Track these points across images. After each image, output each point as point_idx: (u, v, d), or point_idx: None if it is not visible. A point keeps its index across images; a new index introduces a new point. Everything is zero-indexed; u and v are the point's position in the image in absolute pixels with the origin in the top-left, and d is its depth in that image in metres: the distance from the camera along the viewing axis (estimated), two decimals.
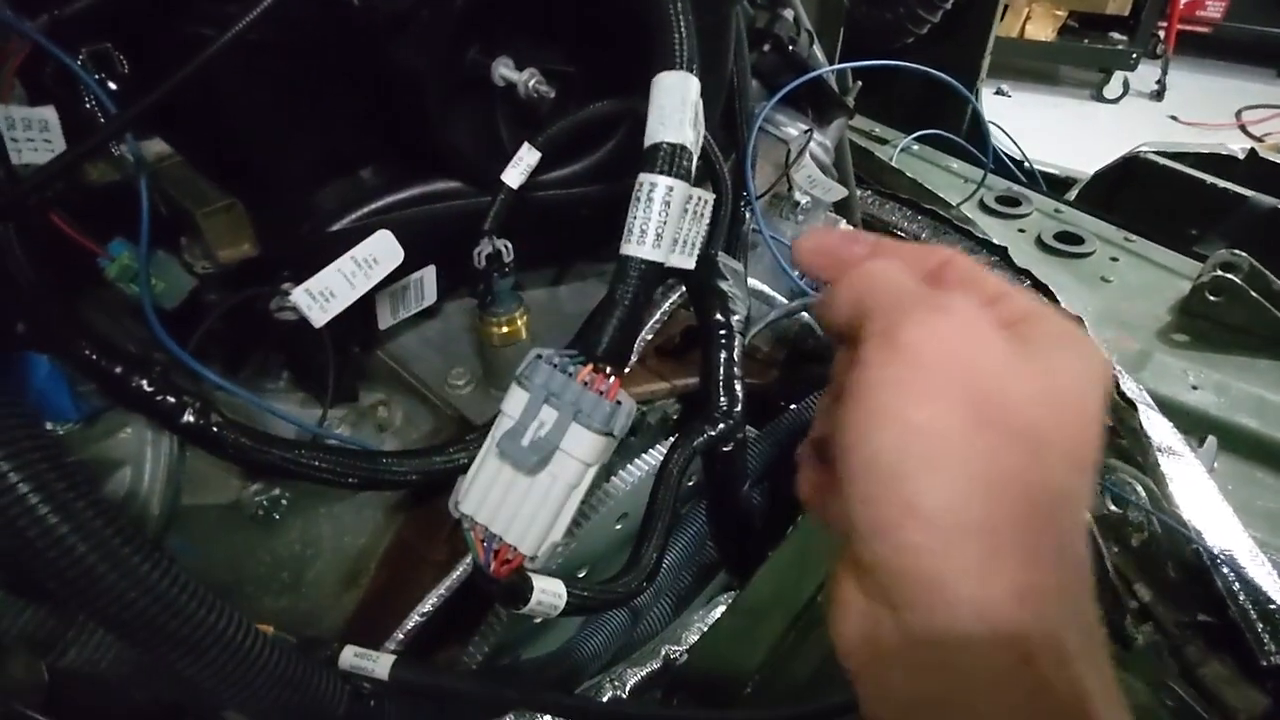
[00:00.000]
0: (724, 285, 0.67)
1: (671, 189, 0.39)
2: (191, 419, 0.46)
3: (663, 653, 0.68)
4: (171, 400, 0.46)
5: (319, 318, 0.55)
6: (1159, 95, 3.74)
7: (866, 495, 0.25)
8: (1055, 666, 0.24)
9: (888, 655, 0.26)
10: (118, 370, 0.45)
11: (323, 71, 0.53)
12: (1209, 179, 1.33)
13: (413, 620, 0.62)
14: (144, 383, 0.45)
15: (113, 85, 0.49)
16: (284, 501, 0.57)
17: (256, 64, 0.50)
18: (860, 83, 0.92)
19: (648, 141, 0.40)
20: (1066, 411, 0.26)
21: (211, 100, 0.51)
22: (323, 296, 0.55)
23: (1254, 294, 0.91)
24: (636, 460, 0.76)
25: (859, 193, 1.06)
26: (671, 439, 0.62)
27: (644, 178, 0.39)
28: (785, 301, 0.82)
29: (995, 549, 0.24)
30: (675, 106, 0.40)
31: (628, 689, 0.62)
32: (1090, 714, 0.24)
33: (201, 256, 0.52)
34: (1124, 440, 0.73)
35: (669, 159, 0.39)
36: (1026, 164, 1.54)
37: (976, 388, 0.25)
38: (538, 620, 0.73)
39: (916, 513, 0.24)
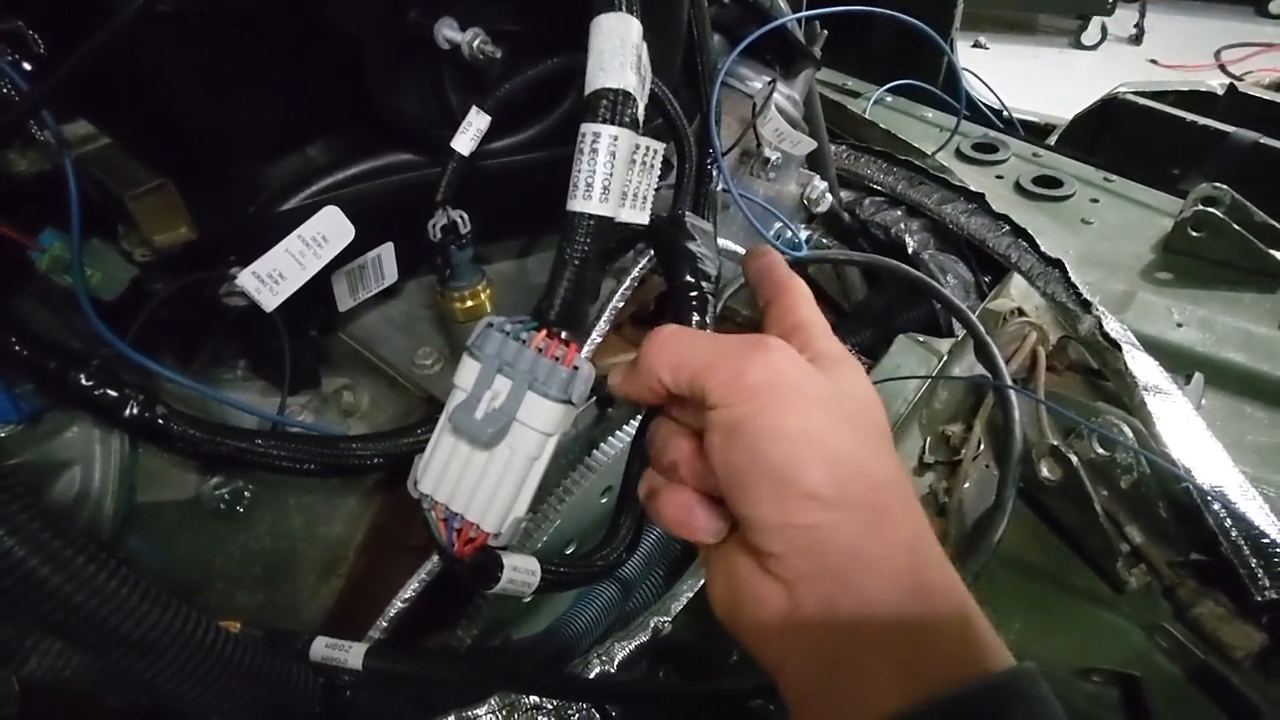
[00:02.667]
0: (692, 246, 0.65)
1: (616, 138, 0.37)
2: (135, 412, 0.44)
3: (651, 624, 0.66)
4: (113, 394, 0.44)
5: (269, 301, 0.52)
6: (1138, 39, 3.70)
7: (769, 497, 0.31)
8: (944, 591, 0.31)
9: (808, 624, 0.30)
10: (52, 366, 0.43)
11: (258, 40, 0.51)
12: (1189, 117, 1.30)
13: (394, 607, 0.61)
14: (81, 377, 0.43)
15: (27, 66, 0.46)
16: (247, 494, 0.55)
17: (185, 34, 0.47)
18: (826, 32, 0.89)
19: (588, 89, 0.38)
20: (874, 404, 0.35)
21: (140, 76, 0.49)
22: (271, 279, 0.52)
23: (1236, 226, 0.89)
24: (618, 432, 0.74)
25: (833, 148, 1.03)
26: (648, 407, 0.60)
27: (586, 128, 0.37)
28: None
29: (880, 513, 0.31)
30: (615, 50, 0.38)
31: (616, 663, 0.60)
32: (967, 609, 0.30)
33: (139, 243, 0.50)
34: (1109, 382, 0.72)
35: (611, 106, 0.37)
36: (1005, 113, 1.51)
37: (822, 397, 0.32)
38: (525, 600, 0.72)
39: (816, 498, 0.30)
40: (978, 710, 0.27)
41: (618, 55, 0.38)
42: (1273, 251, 0.89)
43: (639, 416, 0.73)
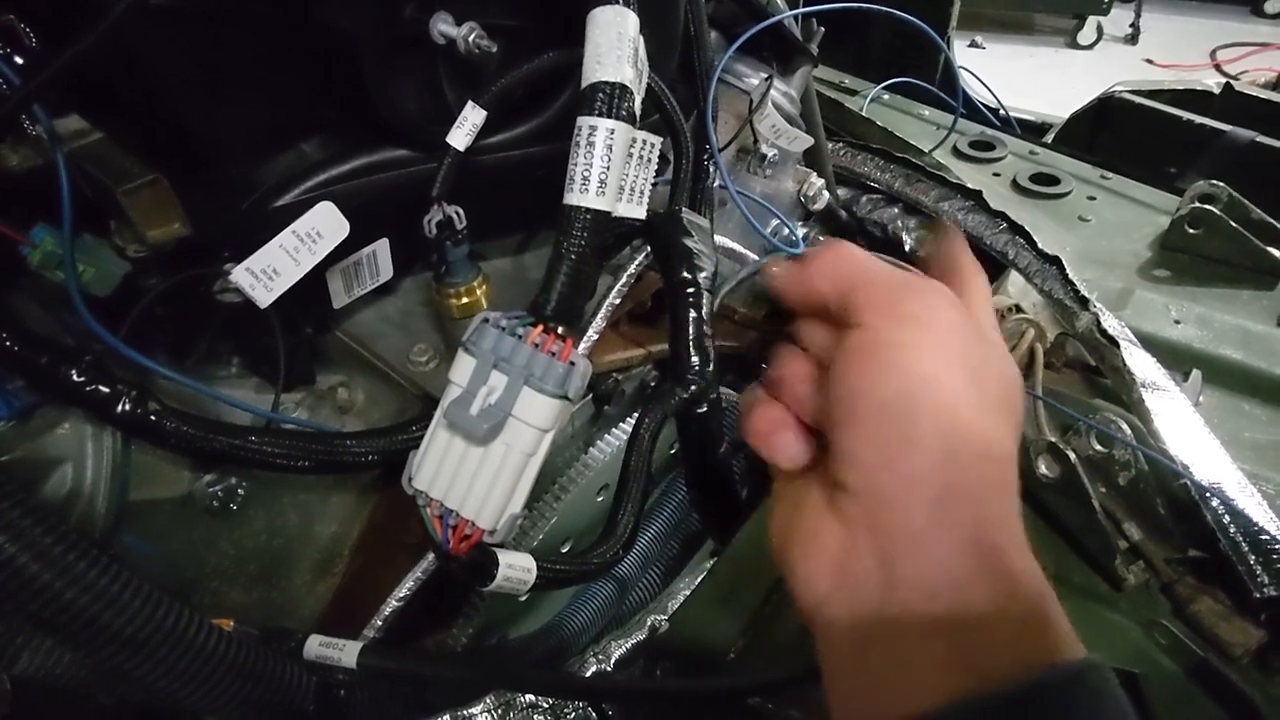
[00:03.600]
0: (689, 243, 0.65)
1: (613, 131, 0.37)
2: (128, 408, 0.44)
3: (648, 623, 0.66)
4: (105, 390, 0.44)
5: (264, 298, 0.52)
6: (1133, 39, 3.70)
7: (873, 431, 0.30)
8: (1019, 578, 0.28)
9: (857, 576, 0.29)
10: (43, 361, 0.42)
11: (251, 35, 0.50)
12: (1185, 115, 1.31)
13: (390, 606, 0.61)
14: (73, 373, 0.43)
15: (19, 60, 0.46)
16: (240, 491, 0.55)
17: (177, 29, 0.47)
18: (824, 28, 0.89)
19: (585, 82, 0.37)
20: (1015, 385, 0.34)
21: (133, 71, 0.48)
22: (266, 275, 0.52)
23: (1233, 224, 0.89)
24: (614, 430, 0.74)
25: (830, 145, 1.03)
26: (644, 405, 0.60)
27: (582, 121, 0.37)
28: (757, 259, 0.80)
29: (975, 485, 0.29)
30: (611, 43, 0.37)
31: (612, 661, 0.60)
32: (1045, 600, 0.28)
33: (132, 239, 0.50)
34: (1107, 379, 0.72)
35: (608, 100, 0.37)
36: (1002, 111, 1.51)
37: (967, 354, 0.31)
38: (522, 598, 0.72)
39: (919, 447, 0.29)
40: (1030, 710, 0.25)
41: (614, 49, 0.37)
42: (1270, 249, 0.89)
43: (635, 414, 0.73)
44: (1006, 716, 0.25)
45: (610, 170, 0.37)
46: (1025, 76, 3.21)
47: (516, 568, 0.48)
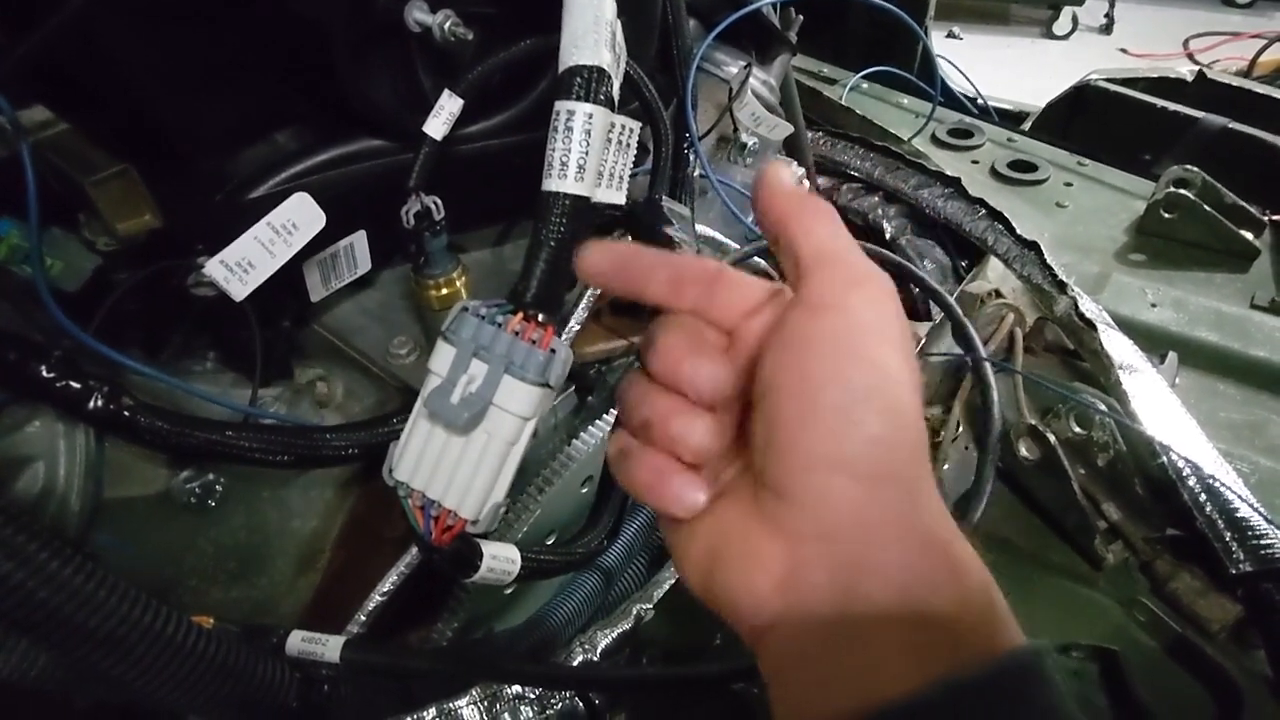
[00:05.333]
0: (670, 231, 0.65)
1: (591, 115, 0.36)
2: (100, 404, 0.43)
3: (634, 611, 0.66)
4: (76, 386, 0.43)
5: (239, 291, 0.51)
6: (1108, 29, 3.74)
7: (830, 429, 0.26)
8: (971, 567, 0.27)
9: (809, 592, 0.27)
10: (11, 357, 0.41)
11: (221, 25, 0.49)
12: (1159, 103, 1.32)
13: (373, 600, 0.60)
14: (42, 369, 0.42)
15: None
16: (219, 488, 0.54)
17: (144, 19, 0.46)
18: (802, 17, 0.89)
19: (561, 66, 0.37)
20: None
21: (99, 62, 0.47)
22: (240, 268, 0.51)
23: (1207, 208, 0.91)
24: (598, 421, 0.74)
25: (810, 134, 1.03)
26: None
27: (560, 105, 0.36)
28: (738, 248, 0.80)
29: (918, 480, 0.27)
30: (588, 27, 0.37)
31: (599, 651, 0.60)
32: (990, 585, 0.27)
33: (101, 232, 0.49)
34: (1085, 362, 0.73)
35: (585, 83, 0.36)
36: (980, 100, 1.52)
37: (905, 339, 0.28)
38: (507, 591, 0.71)
39: (879, 445, 0.26)
40: (997, 693, 0.24)
41: (591, 32, 0.37)
42: (1243, 231, 0.90)
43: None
44: (978, 699, 0.24)
45: (589, 155, 0.36)
46: (1002, 66, 3.22)
47: (500, 559, 0.48)
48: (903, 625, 0.25)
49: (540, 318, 0.38)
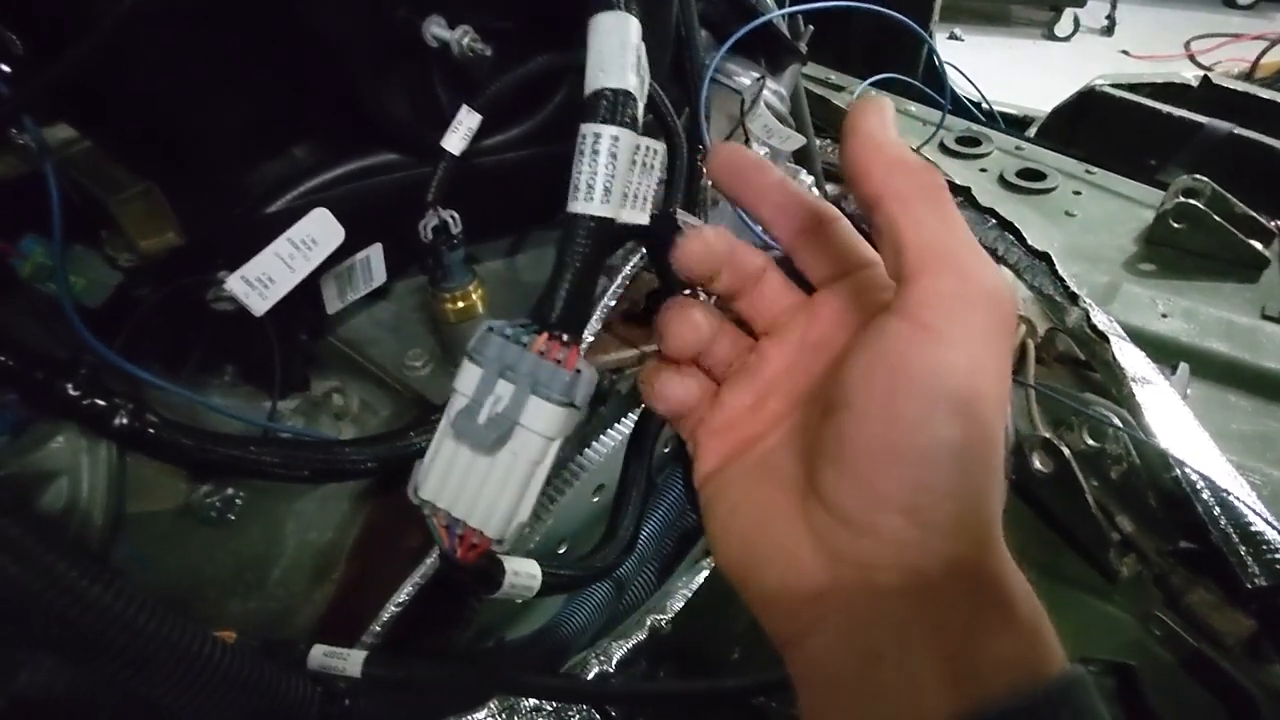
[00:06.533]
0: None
1: (617, 138, 0.36)
2: (125, 421, 0.43)
3: (648, 623, 0.66)
4: (101, 403, 0.43)
5: (259, 306, 0.51)
6: (1109, 30, 3.75)
7: (913, 480, 0.24)
8: (1018, 587, 0.25)
9: (850, 607, 0.25)
10: (38, 375, 0.42)
11: (240, 42, 0.50)
12: (1165, 108, 1.32)
13: (388, 612, 0.60)
14: (69, 387, 0.42)
15: (5, 68, 0.45)
16: (238, 501, 0.54)
17: (168, 36, 0.46)
18: (812, 27, 0.89)
19: (588, 90, 0.37)
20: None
21: (122, 79, 0.48)
22: (260, 283, 0.51)
23: (1217, 218, 0.91)
24: (609, 430, 0.74)
25: (818, 142, 1.03)
26: (643, 406, 0.60)
27: (586, 128, 0.36)
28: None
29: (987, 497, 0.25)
30: (615, 51, 0.37)
31: (614, 663, 0.60)
32: (1036, 606, 0.25)
33: (124, 249, 0.49)
34: (1097, 374, 0.73)
35: (612, 107, 0.36)
36: (985, 105, 1.52)
37: (1007, 381, 0.26)
38: (519, 601, 0.72)
39: (960, 499, 0.25)
40: (1059, 705, 0.23)
41: (617, 56, 0.37)
42: (1252, 241, 0.91)
43: (633, 414, 0.73)
44: (1045, 705, 0.23)
45: (615, 178, 0.36)
46: (1004, 68, 3.23)
47: (523, 574, 0.48)
48: (941, 643, 0.24)
49: (565, 338, 0.38)
